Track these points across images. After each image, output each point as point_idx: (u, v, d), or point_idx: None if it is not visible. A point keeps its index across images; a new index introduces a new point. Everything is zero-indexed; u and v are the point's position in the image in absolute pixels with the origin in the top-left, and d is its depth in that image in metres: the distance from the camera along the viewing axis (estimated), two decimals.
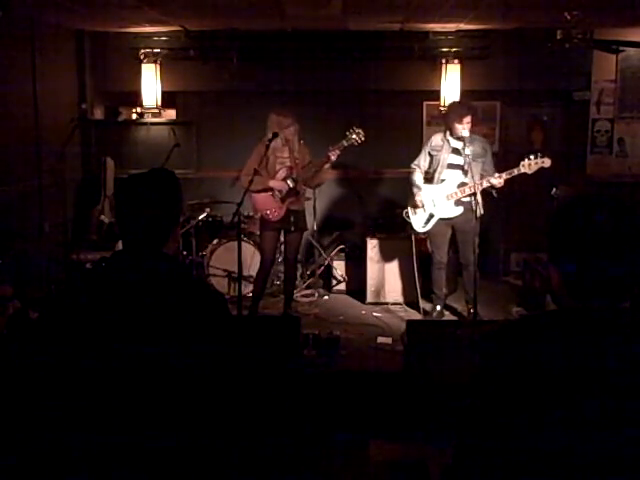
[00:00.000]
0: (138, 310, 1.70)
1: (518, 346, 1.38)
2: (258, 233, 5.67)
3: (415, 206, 5.38)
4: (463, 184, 5.15)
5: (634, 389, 1.30)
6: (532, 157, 4.94)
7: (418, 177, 5.40)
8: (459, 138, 5.08)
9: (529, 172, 4.95)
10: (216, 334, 1.75)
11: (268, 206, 5.22)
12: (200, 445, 1.68)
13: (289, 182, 5.15)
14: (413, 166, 5.44)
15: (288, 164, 5.20)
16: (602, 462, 1.29)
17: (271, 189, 5.17)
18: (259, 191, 5.16)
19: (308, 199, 5.80)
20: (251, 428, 1.89)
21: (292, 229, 5.27)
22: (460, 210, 5.22)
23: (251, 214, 5.97)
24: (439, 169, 5.27)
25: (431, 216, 5.33)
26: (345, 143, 5.12)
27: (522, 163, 4.96)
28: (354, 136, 5.13)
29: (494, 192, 5.15)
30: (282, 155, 5.22)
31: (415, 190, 5.37)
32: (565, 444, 1.30)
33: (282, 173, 5.17)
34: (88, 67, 6.91)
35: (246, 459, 1.82)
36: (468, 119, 5.05)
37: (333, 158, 5.10)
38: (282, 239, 5.55)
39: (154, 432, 1.66)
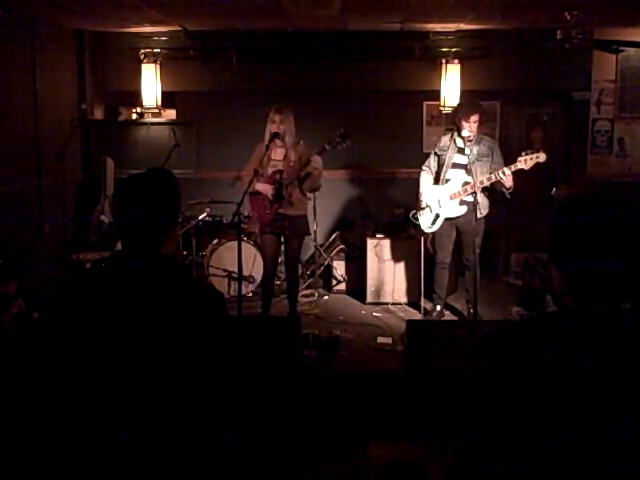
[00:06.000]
0: (137, 310, 1.70)
1: (519, 347, 1.38)
2: (259, 234, 5.63)
3: (420, 207, 5.40)
4: (467, 184, 5.16)
5: (635, 390, 1.30)
6: (529, 152, 4.95)
7: (424, 178, 5.44)
8: (464, 138, 5.09)
9: (526, 168, 4.95)
10: (214, 334, 1.75)
11: (256, 209, 5.13)
12: (199, 445, 1.69)
13: (273, 186, 4.98)
14: (424, 167, 5.48)
15: (280, 167, 5.00)
16: (602, 462, 1.29)
17: (260, 192, 5.02)
18: (253, 193, 5.05)
19: (309, 199, 5.58)
20: (251, 428, 1.89)
21: (287, 234, 5.14)
22: (464, 210, 5.22)
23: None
24: (444, 169, 5.29)
25: (437, 216, 5.33)
26: (327, 147, 4.87)
27: (518, 159, 4.96)
28: (343, 145, 4.89)
29: (507, 193, 5.09)
30: (275, 158, 5.05)
31: (419, 191, 5.42)
32: (566, 445, 1.30)
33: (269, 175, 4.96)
34: (88, 67, 6.90)
35: (245, 459, 1.82)
36: (475, 117, 5.06)
37: (313, 164, 4.88)
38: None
39: (153, 431, 1.66)
